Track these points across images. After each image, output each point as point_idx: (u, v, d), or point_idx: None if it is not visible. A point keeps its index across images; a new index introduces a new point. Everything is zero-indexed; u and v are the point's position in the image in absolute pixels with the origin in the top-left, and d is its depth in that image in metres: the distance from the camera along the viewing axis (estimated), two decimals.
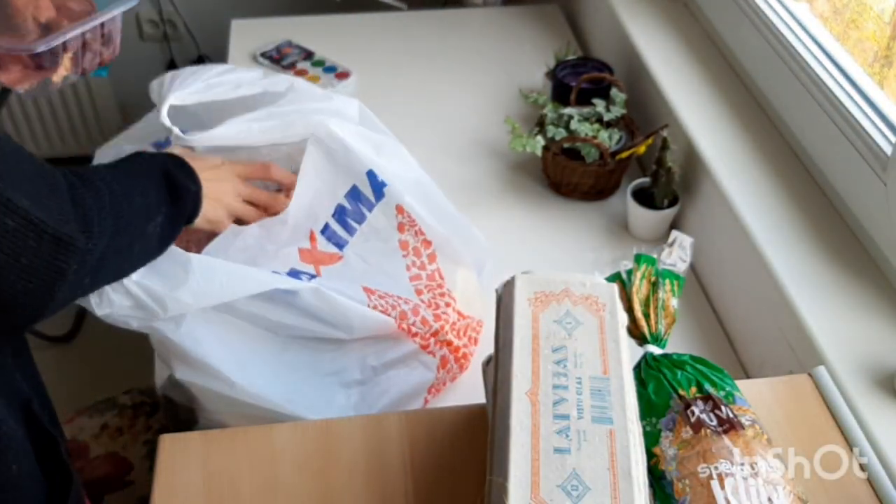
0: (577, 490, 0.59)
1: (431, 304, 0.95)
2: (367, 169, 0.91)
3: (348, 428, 0.80)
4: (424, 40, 1.69)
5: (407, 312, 0.92)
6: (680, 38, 1.39)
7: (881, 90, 1.00)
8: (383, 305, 0.90)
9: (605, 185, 1.29)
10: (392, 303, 0.91)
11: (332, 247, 0.91)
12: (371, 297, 0.90)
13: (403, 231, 0.94)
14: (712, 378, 0.75)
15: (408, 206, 0.93)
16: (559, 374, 0.66)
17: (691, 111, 1.22)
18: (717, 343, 1.09)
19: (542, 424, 0.63)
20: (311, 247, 0.89)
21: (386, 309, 0.90)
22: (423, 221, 0.95)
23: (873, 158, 0.95)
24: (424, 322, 0.93)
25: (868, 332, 0.89)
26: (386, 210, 0.93)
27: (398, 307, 0.91)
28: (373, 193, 0.92)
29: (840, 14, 1.17)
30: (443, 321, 0.95)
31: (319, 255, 0.89)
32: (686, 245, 0.83)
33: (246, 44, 1.61)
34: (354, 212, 0.92)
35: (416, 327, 0.92)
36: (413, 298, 0.94)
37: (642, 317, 0.79)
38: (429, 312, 0.94)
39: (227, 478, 0.75)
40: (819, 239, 1.00)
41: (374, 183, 0.92)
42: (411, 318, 0.92)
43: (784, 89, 1.15)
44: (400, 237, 0.94)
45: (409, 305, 0.93)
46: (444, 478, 0.76)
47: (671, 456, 0.69)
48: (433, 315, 0.94)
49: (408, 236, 0.94)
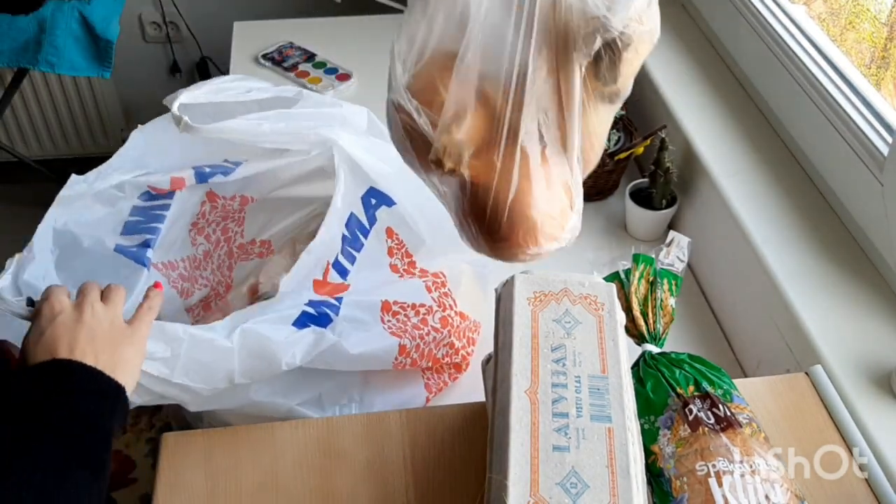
0: (575, 487, 0.60)
1: (441, 304, 0.96)
2: (365, 189, 0.91)
3: (349, 426, 0.80)
4: None
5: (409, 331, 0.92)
6: (678, 39, 1.40)
7: (878, 91, 1.01)
8: (395, 323, 0.91)
9: (603, 185, 1.29)
10: (403, 318, 0.92)
11: (338, 276, 0.90)
12: (385, 314, 0.90)
13: (392, 256, 0.94)
14: (710, 377, 0.75)
15: (396, 226, 0.93)
16: (558, 372, 0.67)
17: (689, 112, 1.23)
18: (714, 342, 1.09)
19: (542, 422, 0.64)
20: (324, 278, 0.88)
21: (396, 332, 0.90)
22: (416, 233, 0.95)
23: (870, 159, 0.96)
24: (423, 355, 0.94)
25: (865, 332, 0.89)
26: (378, 235, 0.93)
27: (410, 320, 0.92)
28: (367, 219, 0.92)
29: (837, 16, 1.18)
30: (449, 325, 0.96)
31: (329, 286, 0.88)
32: (683, 245, 0.84)
33: (248, 46, 1.62)
34: (354, 240, 0.91)
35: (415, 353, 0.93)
36: (427, 301, 0.94)
37: (640, 316, 0.80)
38: (436, 317, 0.95)
39: (229, 476, 0.76)
40: (816, 239, 1.01)
41: (369, 206, 0.92)
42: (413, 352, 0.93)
43: (781, 91, 1.16)
44: (390, 261, 0.94)
45: (419, 317, 0.93)
46: (445, 475, 0.76)
47: (669, 454, 0.70)
48: (440, 319, 0.95)
49: (396, 260, 0.95)
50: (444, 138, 0.50)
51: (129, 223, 0.95)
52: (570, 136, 0.50)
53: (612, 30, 0.48)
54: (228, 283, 1.05)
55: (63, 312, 0.66)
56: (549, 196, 0.51)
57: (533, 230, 0.51)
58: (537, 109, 0.49)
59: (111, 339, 0.66)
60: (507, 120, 0.49)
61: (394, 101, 0.52)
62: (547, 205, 0.51)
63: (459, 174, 0.51)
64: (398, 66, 0.51)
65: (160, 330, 0.73)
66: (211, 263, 1.05)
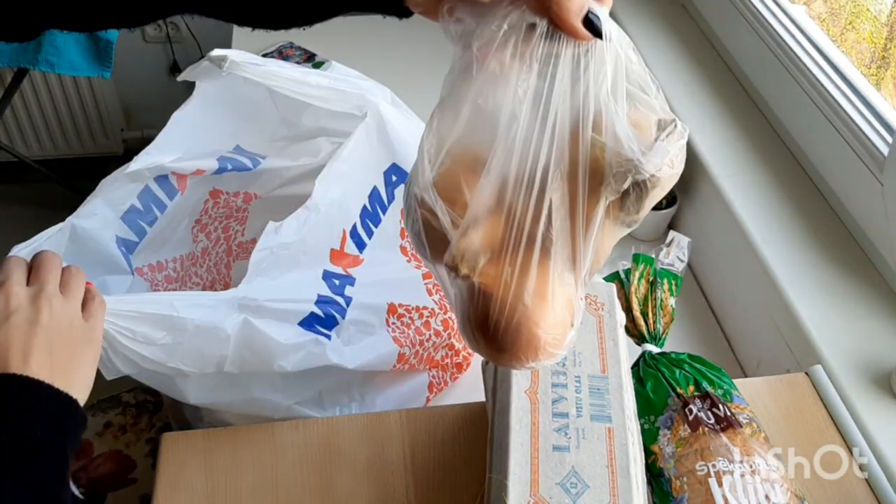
0: (575, 487, 0.60)
1: (443, 307, 0.96)
2: (388, 164, 0.89)
3: (349, 426, 0.80)
4: (427, 42, 1.69)
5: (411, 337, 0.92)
6: (678, 39, 1.40)
7: (878, 91, 1.01)
8: (399, 327, 0.90)
9: None
10: (407, 322, 0.91)
11: (355, 248, 0.87)
12: (391, 316, 0.90)
13: (404, 237, 0.94)
14: (710, 377, 0.75)
15: None
16: (558, 372, 0.67)
17: (689, 112, 1.23)
18: (714, 342, 1.09)
19: (542, 422, 0.64)
20: (341, 248, 0.85)
21: (398, 338, 0.90)
22: None
23: (870, 159, 0.96)
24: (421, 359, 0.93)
25: (865, 332, 0.89)
26: (394, 214, 0.92)
27: (413, 323, 0.92)
28: (387, 196, 0.91)
29: (837, 16, 1.18)
30: (451, 328, 0.96)
31: (346, 258, 0.86)
32: (683, 245, 0.84)
33: (248, 46, 1.61)
34: (374, 214, 0.90)
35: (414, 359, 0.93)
36: (430, 304, 0.94)
37: (640, 316, 0.80)
38: (438, 320, 0.94)
39: (229, 476, 0.76)
40: (816, 239, 1.01)
41: (389, 183, 0.90)
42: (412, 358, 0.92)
43: (781, 91, 1.16)
44: (401, 243, 0.94)
45: (422, 321, 0.93)
46: (445, 475, 0.76)
47: (669, 454, 0.70)
48: (442, 322, 0.95)
49: (406, 243, 0.94)
50: (462, 243, 0.51)
51: (131, 209, 0.91)
52: (582, 257, 0.51)
53: (645, 173, 0.49)
54: (227, 281, 1.05)
55: (18, 311, 0.58)
56: (555, 314, 0.51)
57: (535, 347, 0.52)
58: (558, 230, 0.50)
59: (69, 341, 0.59)
60: (526, 235, 0.50)
61: (417, 195, 0.52)
62: (552, 323, 0.52)
63: (471, 281, 0.51)
64: (426, 162, 0.52)
65: (164, 319, 0.69)
66: (207, 261, 1.04)
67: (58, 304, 0.60)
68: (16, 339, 0.56)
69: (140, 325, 0.68)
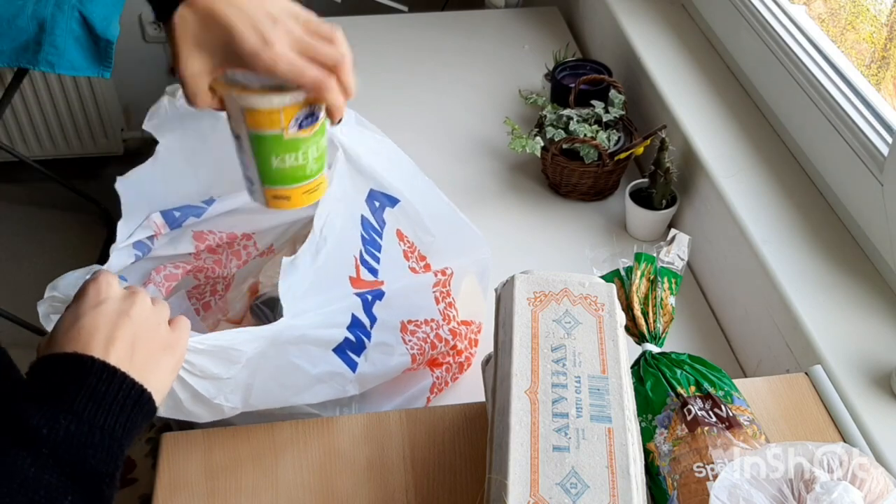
0: (575, 488, 0.60)
1: (446, 316, 0.96)
2: (367, 192, 0.89)
3: (349, 425, 0.81)
4: (425, 42, 1.69)
5: (426, 350, 0.92)
6: (678, 39, 1.40)
7: (878, 91, 1.01)
8: (414, 343, 0.91)
9: (603, 185, 1.29)
10: (422, 336, 0.92)
11: (369, 274, 0.87)
12: (405, 334, 0.90)
13: (408, 259, 0.94)
14: (711, 378, 0.75)
15: (405, 228, 0.93)
16: (558, 372, 0.67)
17: (689, 112, 1.23)
18: (714, 342, 1.09)
19: (542, 423, 0.64)
20: (357, 275, 0.85)
21: (414, 354, 0.90)
22: (422, 233, 0.95)
23: (870, 159, 0.96)
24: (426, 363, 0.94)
25: (864, 331, 0.89)
26: (391, 237, 0.92)
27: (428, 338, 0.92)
28: (377, 222, 0.91)
29: (837, 16, 1.18)
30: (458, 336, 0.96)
31: (366, 284, 0.86)
32: (684, 243, 0.84)
33: None
34: (372, 241, 0.90)
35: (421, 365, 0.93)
36: (437, 316, 0.95)
37: (641, 315, 0.80)
38: (446, 328, 0.95)
39: (229, 476, 0.76)
40: (816, 238, 1.01)
41: (374, 210, 0.90)
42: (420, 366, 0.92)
43: (781, 91, 1.16)
44: (408, 264, 0.94)
45: (433, 333, 0.93)
46: (445, 475, 0.76)
47: (665, 452, 0.70)
48: (449, 330, 0.95)
49: (412, 263, 0.94)
50: None
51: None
52: None
53: None
54: (228, 281, 1.05)
55: (109, 300, 0.58)
56: None
57: None
58: None
59: (153, 341, 0.58)
60: None
61: None
62: None
63: None
64: None
65: (234, 353, 0.67)
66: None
67: (148, 305, 0.60)
68: (102, 326, 0.56)
69: (200, 358, 0.66)
